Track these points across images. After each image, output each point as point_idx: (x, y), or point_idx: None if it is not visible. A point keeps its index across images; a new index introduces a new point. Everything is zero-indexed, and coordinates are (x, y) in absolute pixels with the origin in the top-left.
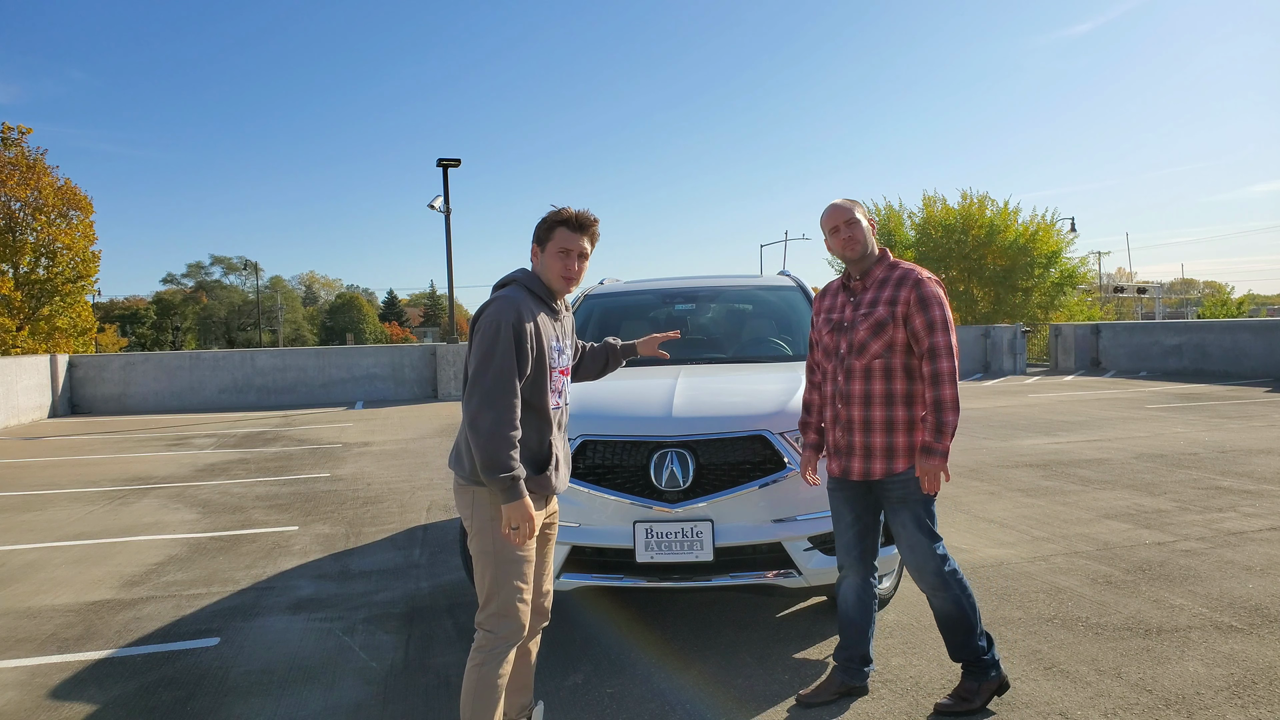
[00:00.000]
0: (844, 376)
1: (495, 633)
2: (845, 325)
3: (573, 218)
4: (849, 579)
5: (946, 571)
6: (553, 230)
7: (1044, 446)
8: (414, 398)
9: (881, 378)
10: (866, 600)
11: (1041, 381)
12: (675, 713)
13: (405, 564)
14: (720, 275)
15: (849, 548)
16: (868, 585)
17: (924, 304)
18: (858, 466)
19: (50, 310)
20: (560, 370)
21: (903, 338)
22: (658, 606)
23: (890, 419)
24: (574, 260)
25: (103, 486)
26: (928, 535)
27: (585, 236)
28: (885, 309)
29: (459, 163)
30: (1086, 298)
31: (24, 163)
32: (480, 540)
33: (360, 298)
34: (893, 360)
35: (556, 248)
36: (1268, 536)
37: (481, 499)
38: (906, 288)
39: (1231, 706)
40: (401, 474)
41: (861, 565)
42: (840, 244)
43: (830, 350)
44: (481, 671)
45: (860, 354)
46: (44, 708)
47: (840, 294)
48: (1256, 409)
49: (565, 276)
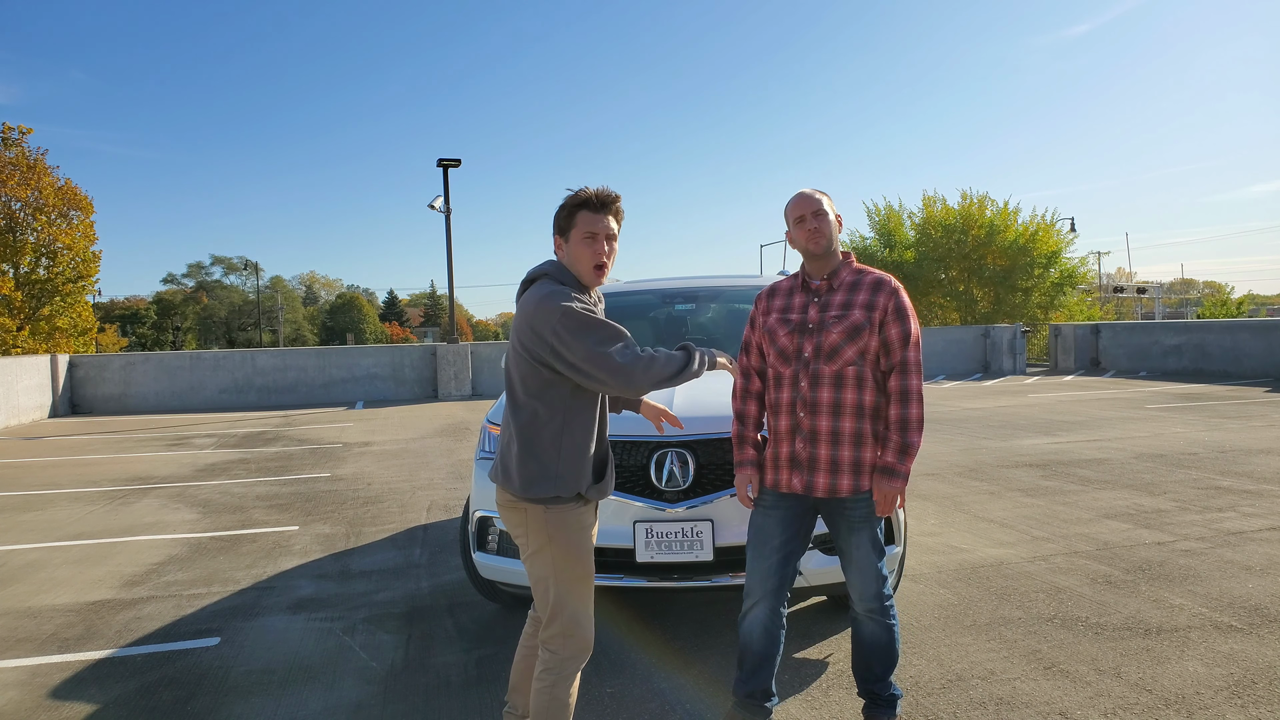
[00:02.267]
0: (809, 383)
1: (559, 653)
2: (810, 327)
3: (593, 197)
4: (758, 610)
5: (885, 594)
6: (574, 215)
7: (1044, 446)
8: (414, 398)
9: (854, 387)
10: (774, 632)
11: (1041, 381)
12: (675, 713)
13: (405, 564)
14: (720, 275)
15: (767, 574)
16: (777, 616)
17: (901, 314)
18: (823, 482)
19: (50, 310)
20: None
21: (875, 346)
22: (658, 606)
23: (859, 432)
24: (602, 244)
25: (103, 486)
26: (879, 555)
27: (610, 215)
28: (861, 313)
29: (459, 163)
30: (1086, 298)
31: (24, 163)
32: (538, 564)
33: (360, 298)
34: (864, 369)
35: (582, 233)
36: (1268, 536)
37: (535, 518)
38: (884, 294)
39: (1231, 706)
40: (402, 474)
41: (776, 596)
42: (805, 235)
43: (788, 354)
44: (554, 693)
45: (831, 359)
46: (44, 708)
47: (798, 294)
48: (1256, 409)
49: (597, 264)
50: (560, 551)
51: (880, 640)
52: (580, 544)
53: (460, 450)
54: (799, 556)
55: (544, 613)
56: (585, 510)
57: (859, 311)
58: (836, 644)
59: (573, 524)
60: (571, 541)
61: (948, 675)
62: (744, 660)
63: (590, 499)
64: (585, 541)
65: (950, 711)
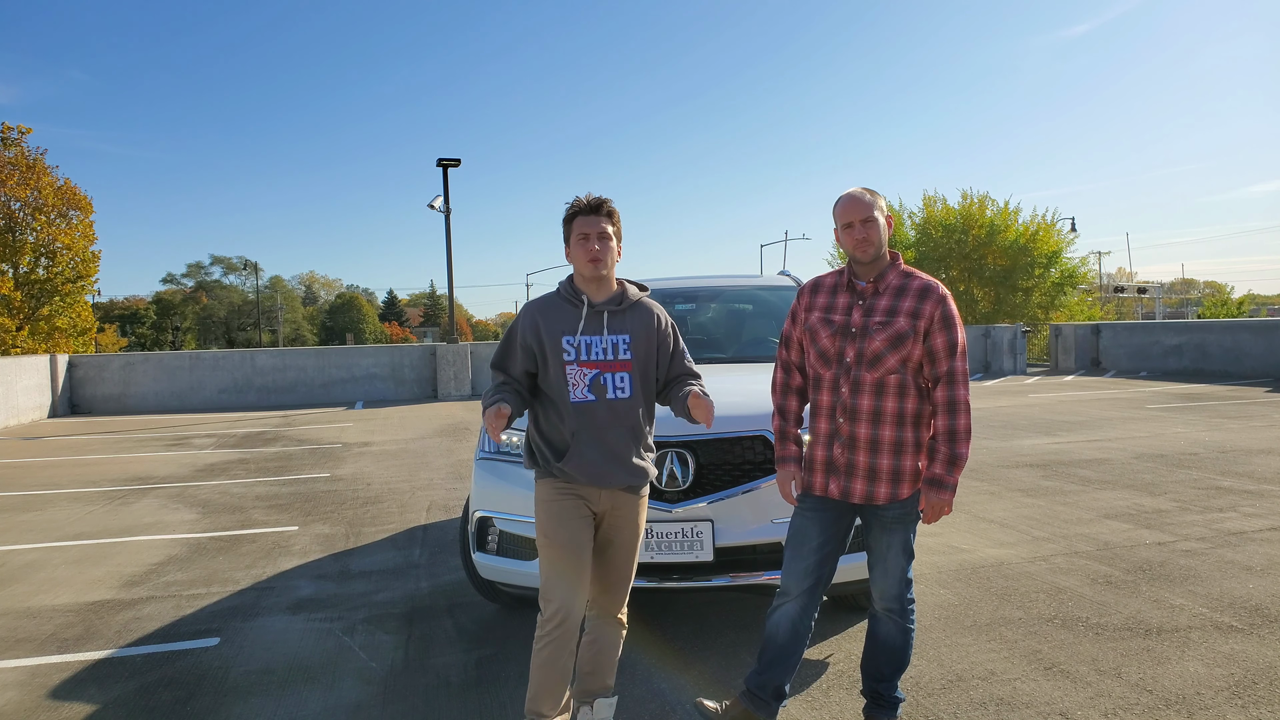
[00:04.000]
0: (850, 389)
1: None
2: (853, 331)
3: (584, 204)
4: (789, 606)
5: (908, 598)
6: (571, 223)
7: (1044, 446)
8: (414, 398)
9: (895, 395)
10: (801, 631)
11: (1042, 381)
12: (675, 713)
13: (405, 564)
14: (720, 275)
15: (804, 574)
16: (808, 616)
17: (948, 323)
18: (860, 489)
19: (50, 310)
20: (585, 364)
21: (919, 354)
22: (658, 606)
23: (899, 440)
24: (594, 241)
25: (103, 486)
26: (908, 559)
27: (600, 216)
28: (906, 321)
29: (459, 163)
30: (1087, 298)
31: (24, 163)
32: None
33: (360, 298)
34: (906, 377)
35: (577, 236)
36: (1268, 536)
37: (538, 491)
38: (930, 302)
39: (1231, 707)
40: (401, 474)
41: (810, 596)
42: (852, 242)
43: (829, 356)
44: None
45: (874, 366)
46: (44, 708)
47: (842, 293)
48: (1256, 409)
49: (590, 259)
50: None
51: (895, 642)
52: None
53: (460, 450)
54: (837, 558)
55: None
56: (564, 481)
57: (904, 319)
58: (837, 644)
59: (540, 494)
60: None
61: (948, 675)
62: (764, 653)
63: (557, 474)
64: (541, 512)
65: (950, 711)
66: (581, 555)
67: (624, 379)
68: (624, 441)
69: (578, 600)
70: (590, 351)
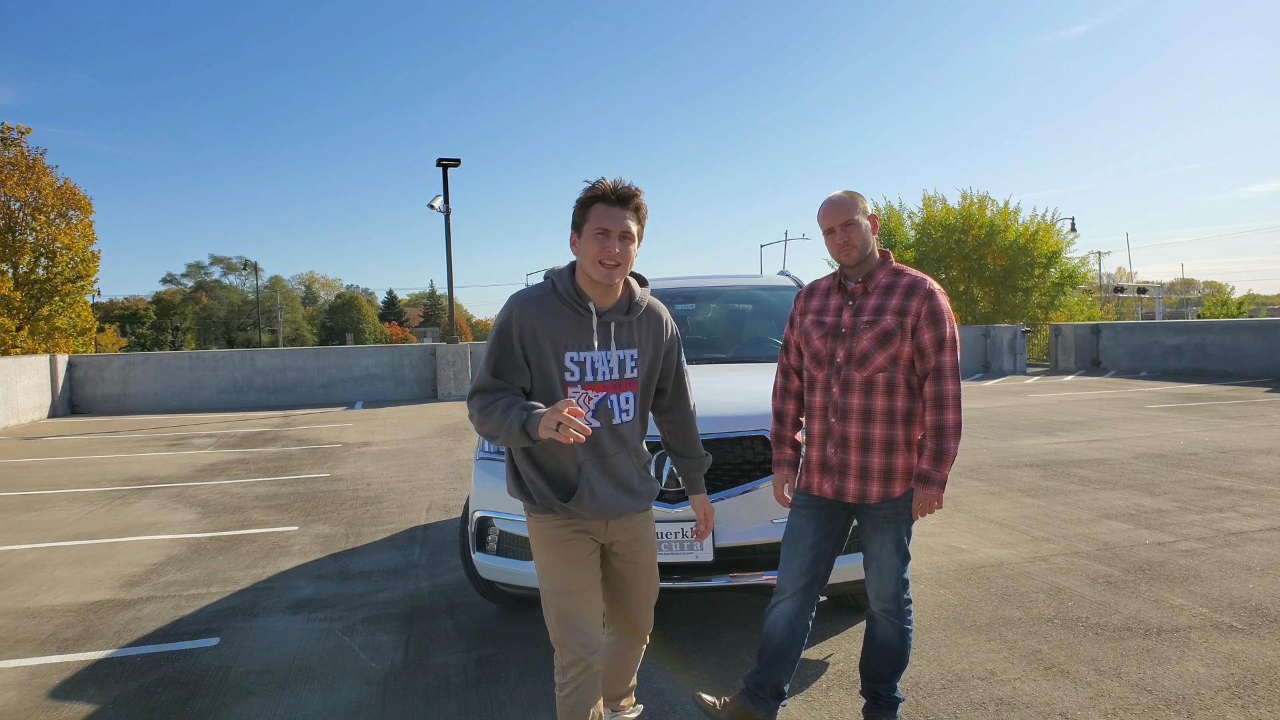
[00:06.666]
0: (840, 389)
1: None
2: (843, 331)
3: (609, 191)
4: (786, 604)
5: (905, 598)
6: (588, 209)
7: (1044, 446)
8: (414, 398)
9: (883, 393)
10: (798, 629)
11: (1042, 381)
12: (675, 713)
13: (405, 564)
14: (720, 275)
15: (800, 572)
16: (804, 614)
17: (935, 318)
18: (853, 488)
19: (50, 310)
20: (590, 386)
21: (908, 351)
22: (658, 606)
23: (890, 438)
24: (613, 241)
25: (102, 486)
26: (902, 559)
27: (627, 211)
28: (893, 319)
29: (459, 163)
30: (1087, 298)
31: (24, 163)
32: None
33: (360, 298)
34: (895, 375)
35: (593, 228)
36: (1268, 536)
37: (533, 529)
38: (917, 298)
39: (1231, 707)
40: (401, 474)
41: (806, 594)
42: (835, 248)
43: (821, 357)
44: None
45: (862, 365)
46: (44, 708)
47: (834, 295)
48: (1256, 409)
49: (602, 261)
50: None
51: (892, 642)
52: (545, 559)
53: (460, 450)
54: (832, 557)
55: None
56: (572, 521)
57: (890, 317)
58: (836, 644)
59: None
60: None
61: (948, 675)
62: (762, 651)
63: (570, 516)
64: (542, 555)
65: (950, 712)
66: (597, 597)
67: (629, 399)
68: (629, 466)
69: (597, 639)
70: (597, 371)
